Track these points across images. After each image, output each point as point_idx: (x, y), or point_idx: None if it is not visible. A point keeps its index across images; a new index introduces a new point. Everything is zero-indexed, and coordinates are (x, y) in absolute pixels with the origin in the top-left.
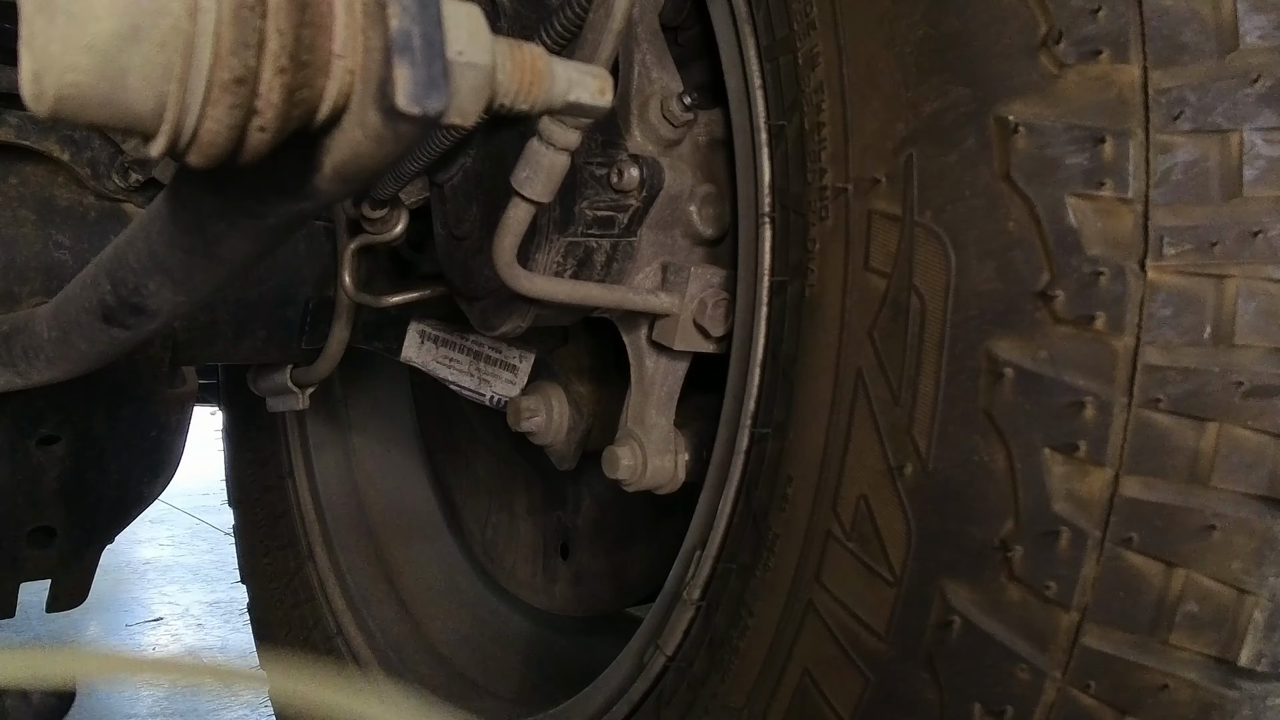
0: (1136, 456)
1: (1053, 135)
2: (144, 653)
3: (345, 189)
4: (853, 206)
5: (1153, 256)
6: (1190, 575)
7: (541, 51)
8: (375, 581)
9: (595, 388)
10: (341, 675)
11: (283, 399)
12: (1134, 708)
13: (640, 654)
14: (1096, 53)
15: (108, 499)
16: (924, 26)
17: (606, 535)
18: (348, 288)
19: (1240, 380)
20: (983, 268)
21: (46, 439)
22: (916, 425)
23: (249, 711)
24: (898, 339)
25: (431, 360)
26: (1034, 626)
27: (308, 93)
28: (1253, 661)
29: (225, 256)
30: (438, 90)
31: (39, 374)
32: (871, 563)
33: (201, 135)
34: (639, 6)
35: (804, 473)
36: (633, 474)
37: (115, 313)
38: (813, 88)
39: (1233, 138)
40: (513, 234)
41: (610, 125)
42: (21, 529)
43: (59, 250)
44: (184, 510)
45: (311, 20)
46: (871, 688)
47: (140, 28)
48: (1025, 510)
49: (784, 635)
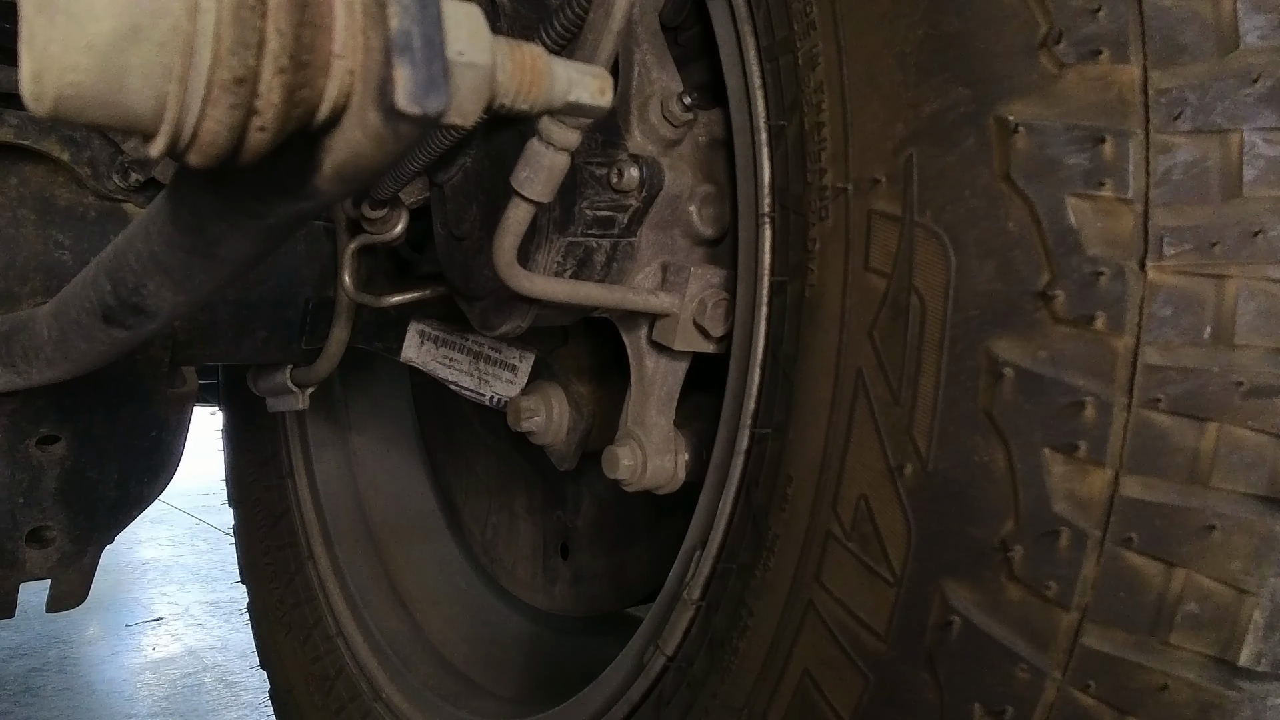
0: (1136, 456)
1: (1053, 135)
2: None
3: (345, 189)
4: (853, 206)
5: (1153, 256)
6: (1190, 575)
7: (541, 51)
8: (375, 581)
9: (595, 388)
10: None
11: (282, 399)
12: (1134, 708)
13: (640, 654)
14: (1096, 53)
15: (108, 499)
16: (924, 26)
17: (606, 535)
18: (348, 288)
19: (1240, 380)
20: (983, 268)
21: (46, 439)
22: (916, 425)
23: (249, 712)
24: (898, 339)
25: (431, 360)
26: (1034, 626)
27: (308, 93)
28: (1253, 661)
29: (225, 256)
30: (438, 90)
31: (39, 374)
32: (871, 563)
33: (201, 135)
34: (639, 6)
35: (804, 473)
36: (633, 474)
37: (115, 313)
38: (813, 88)
39: (1233, 138)
40: (513, 234)
41: (610, 125)
42: (21, 529)
43: (59, 250)
44: (184, 510)
45: (311, 20)
46: (871, 688)
47: (140, 28)
48: (1025, 510)
49: (784, 635)
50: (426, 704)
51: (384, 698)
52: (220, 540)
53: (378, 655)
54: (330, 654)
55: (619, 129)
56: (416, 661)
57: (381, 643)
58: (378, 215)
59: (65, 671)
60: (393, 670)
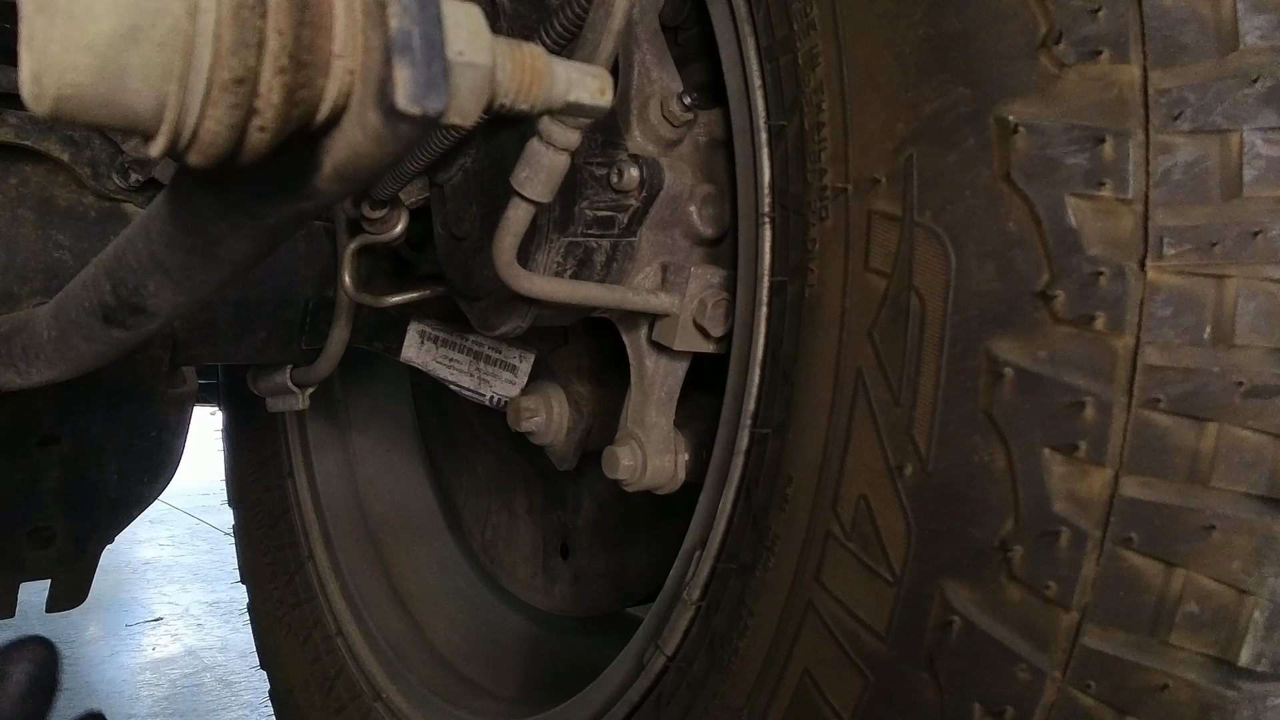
0: (1136, 456)
1: (1053, 135)
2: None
3: (345, 189)
4: (853, 206)
5: (1153, 256)
6: (1190, 575)
7: (541, 51)
8: (375, 581)
9: (595, 388)
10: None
11: (282, 399)
12: (1134, 708)
13: (640, 654)
14: (1096, 53)
15: (108, 499)
16: (924, 26)
17: (606, 535)
18: (348, 288)
19: (1240, 380)
20: (983, 268)
21: (46, 439)
22: (916, 425)
23: (249, 712)
24: (898, 339)
25: (431, 360)
26: (1034, 626)
27: (308, 93)
28: (1253, 662)
29: (225, 256)
30: (438, 90)
31: (39, 374)
32: (871, 563)
33: (201, 135)
34: (639, 6)
35: (804, 473)
36: (633, 474)
37: (115, 313)
38: (813, 88)
39: (1233, 138)
40: (513, 234)
41: (610, 125)
42: (21, 529)
43: (59, 250)
44: (184, 510)
45: (311, 20)
46: (871, 688)
47: (140, 28)
48: (1025, 510)
49: (784, 635)
50: (426, 704)
51: (384, 698)
52: (220, 540)
53: (378, 655)
54: (330, 654)
55: (619, 129)
56: (416, 661)
57: (381, 643)
58: (378, 215)
59: (65, 671)
60: (393, 670)
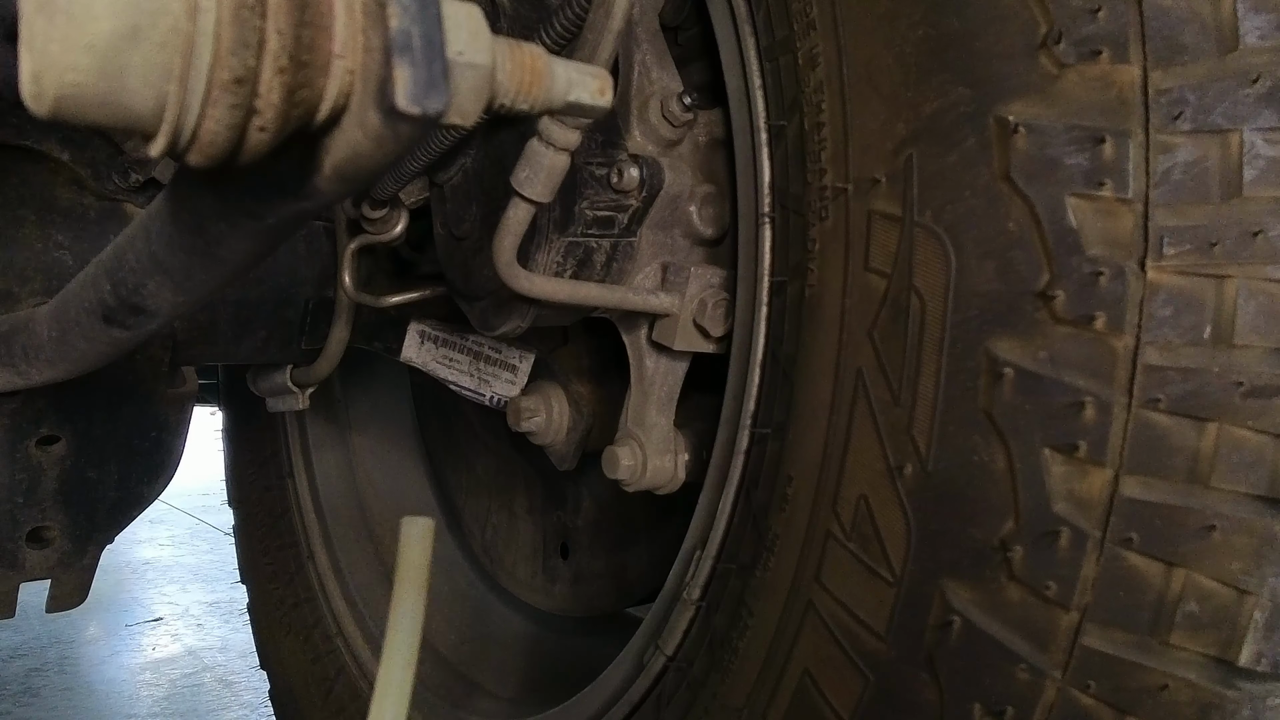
0: (1136, 456)
1: (1053, 135)
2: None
3: (345, 189)
4: (853, 207)
5: (1153, 256)
6: (1190, 575)
7: (541, 51)
8: (375, 581)
9: (595, 388)
10: None
11: (282, 399)
12: (1134, 708)
13: (640, 654)
14: (1096, 53)
15: (108, 499)
16: (924, 26)
17: (606, 535)
18: (348, 288)
19: (1240, 380)
20: (983, 268)
21: (46, 439)
22: (916, 425)
23: (249, 712)
24: (898, 339)
25: (431, 360)
26: (1034, 626)
27: (308, 93)
28: (1252, 662)
29: (225, 257)
30: (438, 90)
31: (39, 374)
32: (871, 563)
33: (201, 135)
34: (639, 6)
35: (804, 473)
36: (633, 474)
37: (115, 313)
38: (813, 88)
39: (1233, 138)
40: (513, 234)
41: (610, 125)
42: (21, 529)
43: (59, 250)
44: (184, 510)
45: (311, 20)
46: (871, 688)
47: (140, 28)
48: (1025, 510)
49: (784, 635)
50: (426, 704)
51: None
52: (220, 540)
53: (378, 655)
54: (330, 654)
55: (619, 129)
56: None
57: (382, 643)
58: (378, 215)
59: (65, 671)
60: None
